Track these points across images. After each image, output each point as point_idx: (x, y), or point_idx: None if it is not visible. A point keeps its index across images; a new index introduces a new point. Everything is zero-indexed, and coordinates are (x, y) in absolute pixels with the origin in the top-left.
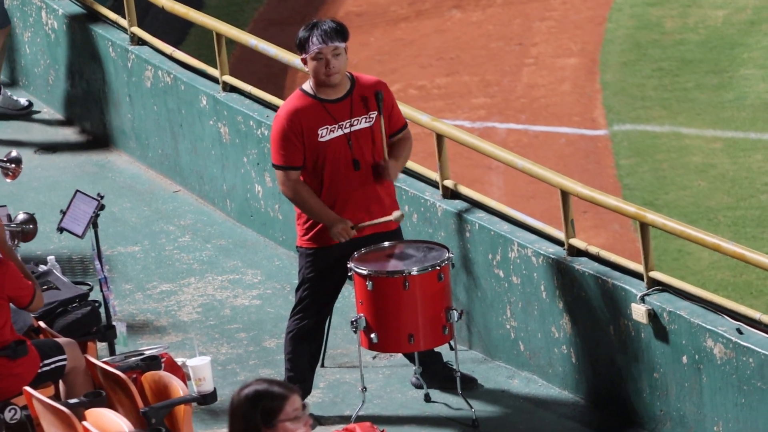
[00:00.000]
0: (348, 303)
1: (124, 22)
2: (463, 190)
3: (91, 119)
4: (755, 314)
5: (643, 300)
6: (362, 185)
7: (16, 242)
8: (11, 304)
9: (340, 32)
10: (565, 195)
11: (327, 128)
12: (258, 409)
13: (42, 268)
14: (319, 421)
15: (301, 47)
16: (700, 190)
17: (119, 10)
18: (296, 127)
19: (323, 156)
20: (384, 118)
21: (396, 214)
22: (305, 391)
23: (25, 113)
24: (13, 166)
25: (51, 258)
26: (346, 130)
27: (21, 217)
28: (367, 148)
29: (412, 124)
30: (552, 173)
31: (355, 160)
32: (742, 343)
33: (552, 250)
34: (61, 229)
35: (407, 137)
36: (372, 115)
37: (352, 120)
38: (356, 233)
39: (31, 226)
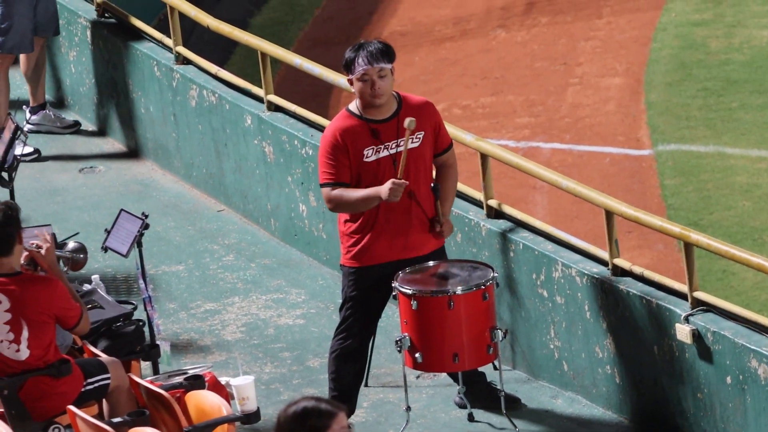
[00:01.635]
0: (392, 322)
1: (169, 42)
2: (508, 209)
3: (135, 138)
4: None
5: (687, 320)
6: (403, 206)
7: (66, 269)
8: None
9: (387, 53)
10: (609, 215)
11: (372, 149)
12: (306, 426)
13: (86, 287)
14: None
15: (347, 68)
16: (745, 210)
17: (164, 30)
18: (343, 145)
19: (368, 176)
20: (430, 137)
21: (407, 121)
22: (349, 411)
23: (71, 131)
24: (81, 256)
25: (95, 277)
26: (392, 151)
27: (72, 245)
28: (413, 169)
29: (457, 144)
30: (596, 193)
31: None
32: None
33: (596, 270)
34: (105, 248)
35: (453, 164)
36: (419, 135)
37: (399, 141)
38: (405, 180)
39: (81, 256)
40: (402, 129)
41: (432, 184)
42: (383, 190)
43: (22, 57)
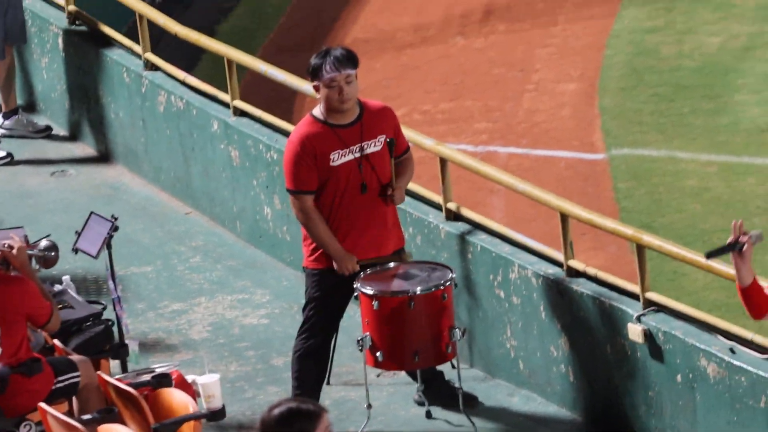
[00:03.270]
0: (353, 322)
1: (138, 48)
2: (466, 212)
3: (105, 143)
4: (748, 334)
5: (639, 320)
6: (367, 207)
7: (37, 267)
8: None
9: (352, 59)
10: (564, 217)
11: (338, 152)
12: (294, 428)
13: (57, 287)
14: None
15: (313, 74)
16: (696, 213)
17: (133, 37)
18: (309, 151)
19: (333, 179)
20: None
21: (405, 256)
22: None
23: (43, 136)
24: (53, 254)
25: (66, 278)
26: (357, 155)
27: (44, 243)
28: (376, 172)
29: (417, 148)
30: (552, 196)
31: (363, 183)
32: (734, 362)
33: (551, 271)
34: (75, 250)
35: (410, 157)
36: (380, 139)
37: (363, 144)
38: (358, 269)
39: (52, 254)
40: (365, 133)
41: (387, 139)
42: (341, 261)
43: None
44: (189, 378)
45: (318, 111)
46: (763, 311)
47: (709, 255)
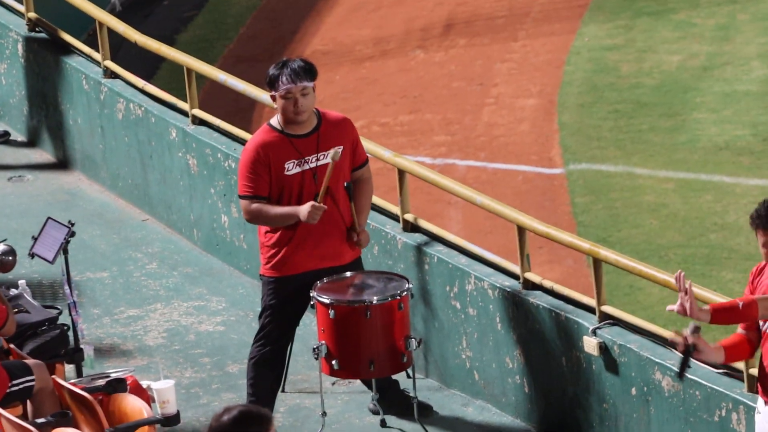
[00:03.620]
0: (309, 331)
1: (97, 56)
2: (423, 223)
3: (63, 149)
4: None
5: (594, 333)
6: (323, 218)
7: None
8: None
9: (309, 71)
10: (521, 230)
11: (293, 162)
12: (250, 430)
13: (13, 291)
14: None
15: (270, 85)
16: (652, 228)
17: (93, 44)
18: (264, 159)
19: (288, 188)
20: (348, 152)
21: (332, 151)
22: None
23: (1, 141)
24: (10, 258)
25: (22, 282)
26: (312, 165)
27: (1, 248)
28: (332, 183)
29: (375, 160)
30: (509, 209)
31: (318, 193)
32: (689, 376)
33: (508, 283)
34: (32, 255)
35: (368, 178)
36: (338, 151)
37: (318, 155)
38: (324, 205)
39: (9, 258)
40: (322, 144)
41: (345, 183)
42: (302, 211)
43: None
44: (144, 383)
45: (276, 120)
46: (754, 349)
47: (681, 374)
